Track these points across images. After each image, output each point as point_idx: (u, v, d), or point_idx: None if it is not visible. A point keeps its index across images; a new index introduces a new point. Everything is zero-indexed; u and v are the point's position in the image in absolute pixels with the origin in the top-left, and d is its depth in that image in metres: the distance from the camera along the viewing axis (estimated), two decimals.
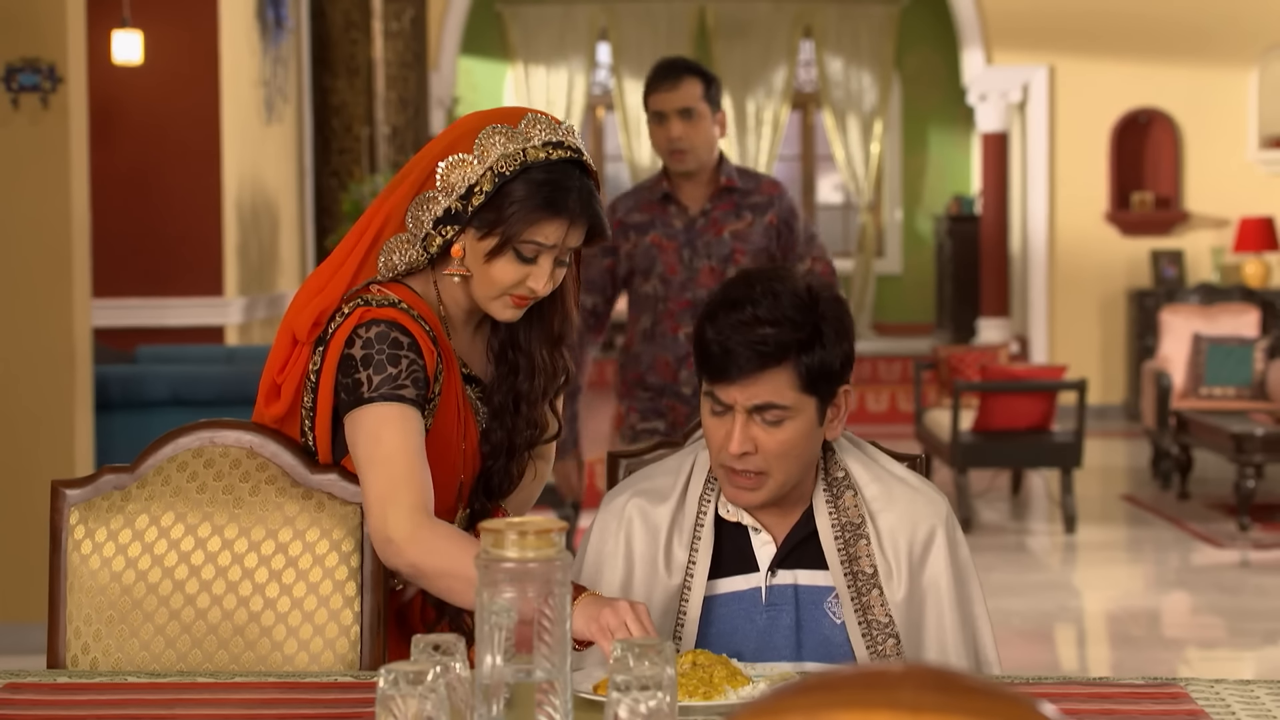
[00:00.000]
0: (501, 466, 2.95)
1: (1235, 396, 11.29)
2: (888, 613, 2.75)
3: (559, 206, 2.76)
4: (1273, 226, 14.10)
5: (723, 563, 2.82)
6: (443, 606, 2.97)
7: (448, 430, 2.84)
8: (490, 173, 2.76)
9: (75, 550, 2.86)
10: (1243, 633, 7.42)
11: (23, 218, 6.65)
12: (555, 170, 2.78)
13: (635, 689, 1.98)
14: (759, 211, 5.17)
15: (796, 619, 2.78)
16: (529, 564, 2.05)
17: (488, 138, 2.78)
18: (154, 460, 2.90)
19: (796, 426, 2.72)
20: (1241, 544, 9.07)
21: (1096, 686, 2.52)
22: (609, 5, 16.51)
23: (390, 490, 2.70)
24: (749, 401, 2.71)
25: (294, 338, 2.84)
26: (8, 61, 6.63)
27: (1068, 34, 14.51)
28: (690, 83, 5.09)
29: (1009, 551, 9.07)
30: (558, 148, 2.80)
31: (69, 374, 6.71)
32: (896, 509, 2.81)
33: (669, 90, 5.09)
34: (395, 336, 2.75)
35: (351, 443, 2.78)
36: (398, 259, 2.83)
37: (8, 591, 6.73)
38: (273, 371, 2.87)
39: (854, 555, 2.78)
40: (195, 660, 2.81)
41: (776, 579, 2.80)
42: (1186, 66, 14.43)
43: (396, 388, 2.73)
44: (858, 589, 2.76)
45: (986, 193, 15.29)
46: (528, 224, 2.76)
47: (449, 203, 2.78)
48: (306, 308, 2.83)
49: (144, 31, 9.11)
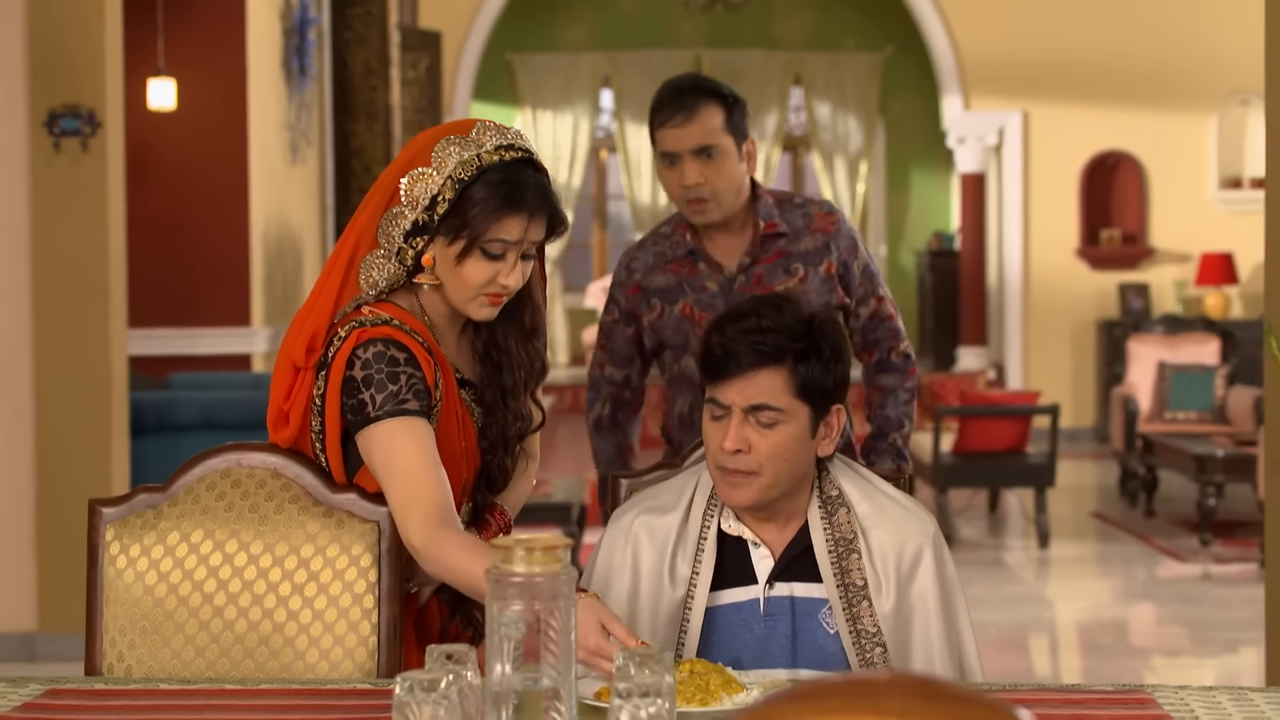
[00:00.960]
0: (499, 461, 2.95)
1: (1198, 420, 11.29)
2: (876, 623, 2.75)
3: (518, 202, 2.77)
4: (1232, 261, 14.11)
5: (724, 576, 2.83)
6: (455, 605, 2.98)
7: (450, 433, 2.84)
8: (450, 181, 2.77)
9: (111, 565, 2.85)
10: (1205, 642, 7.41)
11: (64, 253, 6.66)
12: (510, 170, 2.78)
13: (636, 695, 1.97)
14: (813, 261, 3.90)
15: (793, 629, 2.79)
16: (536, 578, 2.05)
17: (443, 149, 2.79)
18: (185, 480, 2.89)
19: (789, 431, 2.74)
20: (1204, 558, 9.06)
21: (1069, 693, 2.51)
22: (611, 54, 16.53)
23: (406, 502, 2.71)
24: (745, 401, 2.73)
25: (294, 365, 2.84)
26: (50, 107, 6.64)
27: (1041, 82, 14.54)
28: (708, 111, 3.79)
29: (986, 566, 9.05)
30: (509, 149, 2.81)
31: (105, 399, 6.71)
32: (887, 526, 2.81)
33: (681, 125, 3.79)
34: (391, 354, 2.75)
35: (367, 460, 2.78)
36: (377, 275, 2.82)
37: (49, 603, 6.71)
38: (278, 400, 2.87)
39: (846, 569, 2.78)
40: (223, 668, 2.80)
41: (774, 591, 2.80)
42: (1151, 112, 14.45)
43: (400, 403, 2.73)
44: (849, 600, 2.76)
45: (965, 229, 15.30)
46: (491, 222, 2.76)
47: (415, 215, 2.78)
48: (299, 335, 2.82)
49: (177, 79, 9.12)
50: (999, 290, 15.06)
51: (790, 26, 16.69)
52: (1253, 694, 2.48)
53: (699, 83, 3.86)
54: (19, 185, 6.66)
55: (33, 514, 6.71)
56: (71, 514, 6.46)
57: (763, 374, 2.73)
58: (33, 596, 6.73)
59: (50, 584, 6.70)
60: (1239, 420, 11.02)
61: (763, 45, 16.58)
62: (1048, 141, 14.61)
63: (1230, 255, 14.12)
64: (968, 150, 15.03)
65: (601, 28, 16.62)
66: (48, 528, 6.69)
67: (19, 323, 6.68)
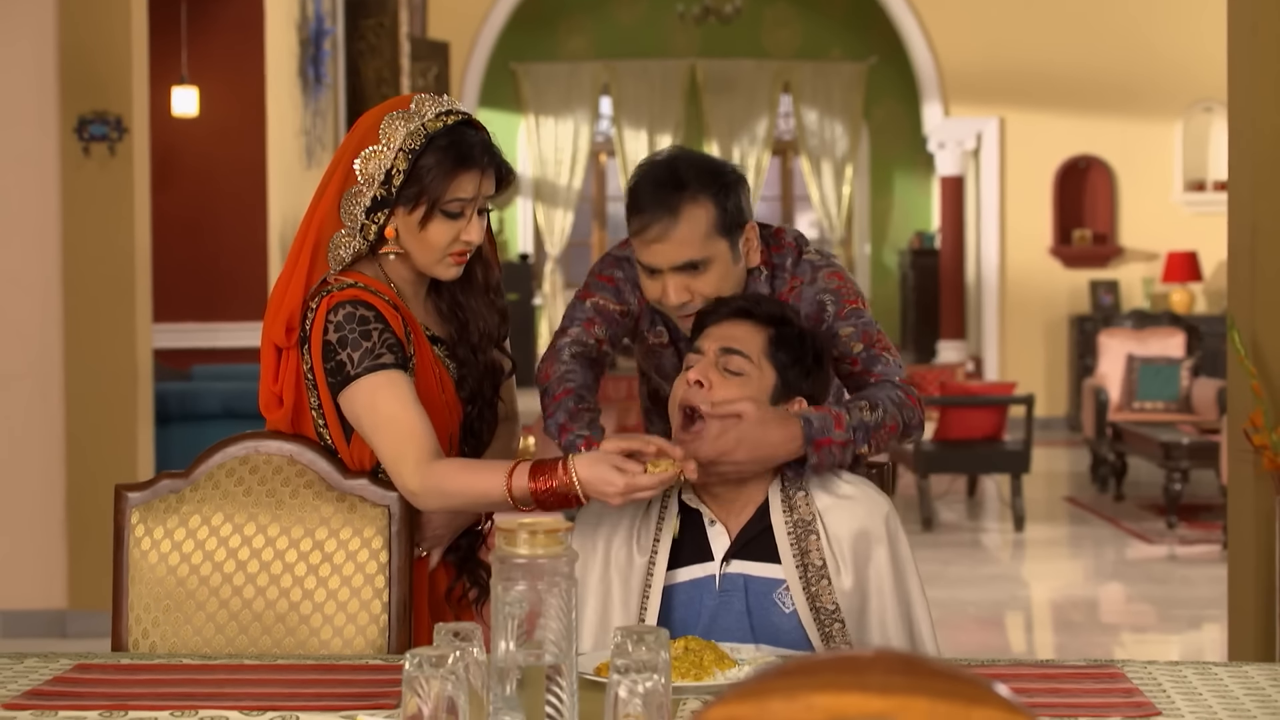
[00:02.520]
0: (479, 411, 2.94)
1: (1164, 410, 11.29)
2: (835, 601, 2.71)
3: (469, 160, 2.78)
4: (1196, 260, 14.11)
5: (683, 552, 2.79)
6: (461, 567, 2.97)
7: (429, 386, 2.83)
8: (402, 153, 2.77)
9: (136, 547, 2.85)
10: (1171, 619, 7.40)
11: (92, 252, 6.65)
12: (455, 133, 2.79)
13: (633, 671, 1.97)
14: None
15: (747, 606, 2.75)
16: (539, 560, 2.04)
17: (389, 125, 2.79)
18: (206, 467, 2.89)
19: (750, 387, 2.75)
20: (1170, 540, 9.05)
21: (1043, 668, 2.51)
22: (610, 63, 16.52)
23: (397, 451, 2.70)
24: (720, 342, 2.77)
25: (276, 347, 2.83)
26: (80, 114, 6.63)
27: (1016, 90, 14.54)
28: (693, 215, 2.85)
29: (965, 547, 9.05)
30: (450, 114, 2.81)
31: (132, 390, 6.70)
32: (843, 509, 2.77)
33: (659, 239, 2.85)
34: (361, 314, 2.75)
35: (353, 419, 2.77)
36: (344, 253, 2.82)
37: (78, 583, 6.71)
38: (268, 383, 2.86)
39: (805, 549, 2.74)
40: (242, 644, 2.80)
41: (730, 568, 2.77)
42: (1120, 119, 14.45)
43: (376, 358, 2.73)
44: (807, 580, 2.72)
45: (945, 229, 15.30)
46: (447, 183, 2.77)
47: (373, 191, 2.78)
48: (277, 317, 2.81)
49: (200, 88, 9.11)
50: (977, 287, 15.06)
51: (779, 37, 16.67)
52: (1216, 668, 2.47)
53: (685, 175, 2.87)
54: (50, 187, 6.65)
55: (63, 498, 6.71)
56: (99, 498, 6.45)
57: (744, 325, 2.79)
58: (63, 576, 6.73)
59: (79, 564, 6.70)
60: (1203, 410, 11.02)
61: (753, 55, 16.57)
62: (1023, 146, 14.60)
63: (1195, 254, 14.12)
64: (947, 154, 15.02)
65: (601, 38, 16.61)
66: (77, 511, 6.69)
67: (50, 318, 6.67)
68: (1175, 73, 14.27)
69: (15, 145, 6.67)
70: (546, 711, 2.05)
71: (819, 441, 2.72)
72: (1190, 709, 2.26)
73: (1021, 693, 2.34)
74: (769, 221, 3.04)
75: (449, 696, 1.97)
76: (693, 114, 16.63)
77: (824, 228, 16.80)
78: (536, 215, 16.72)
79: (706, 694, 2.37)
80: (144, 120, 6.81)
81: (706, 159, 2.95)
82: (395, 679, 2.41)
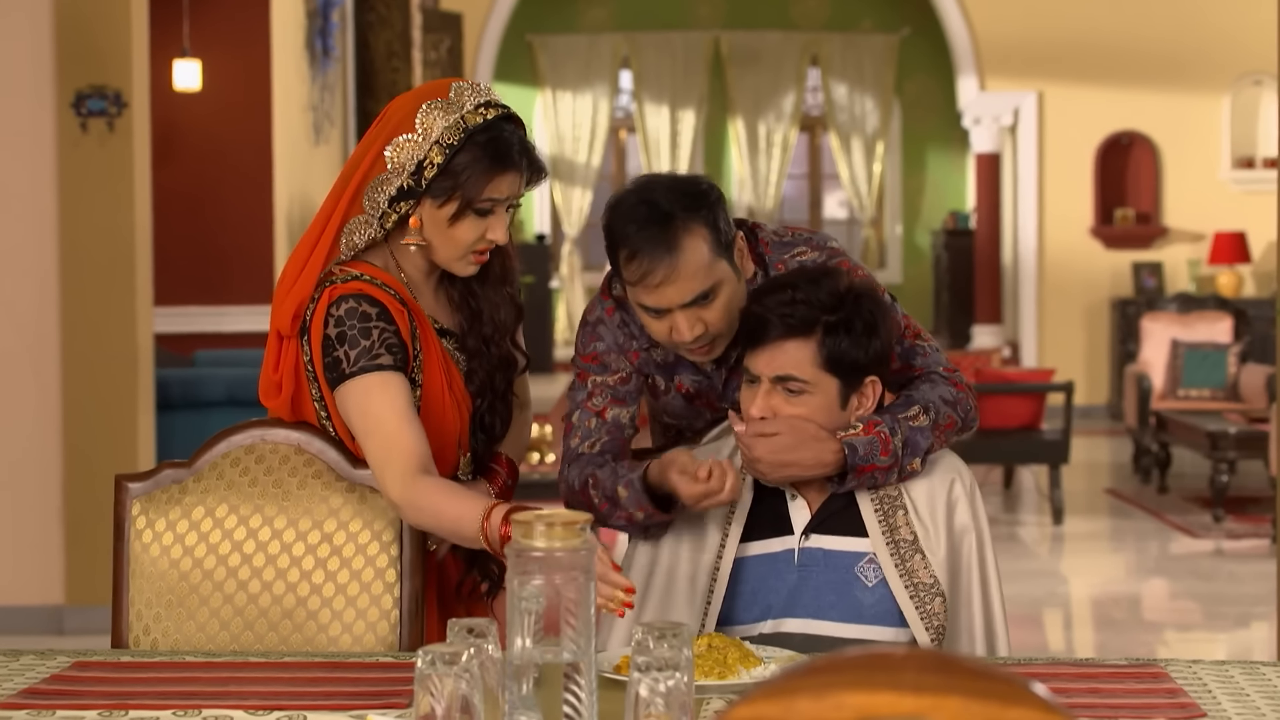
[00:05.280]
0: (490, 405, 2.95)
1: (1210, 398, 11.26)
2: (932, 574, 2.78)
3: (509, 161, 2.79)
4: (1244, 240, 14.06)
5: (760, 525, 2.85)
6: (471, 559, 2.98)
7: (436, 380, 2.85)
8: (438, 146, 2.77)
9: (137, 539, 2.86)
10: (1217, 616, 7.40)
11: (90, 233, 6.66)
12: (494, 129, 2.79)
13: (655, 669, 1.97)
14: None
15: (827, 581, 2.80)
16: (556, 553, 2.05)
17: (427, 114, 2.79)
18: (210, 456, 2.89)
19: (815, 402, 2.76)
20: (1216, 534, 9.04)
21: (1083, 667, 2.51)
22: (630, 35, 16.50)
23: (383, 458, 2.72)
24: (773, 371, 2.75)
25: (279, 333, 2.84)
26: (77, 88, 6.64)
27: (1055, 62, 14.49)
28: (693, 244, 2.77)
29: (1001, 541, 9.04)
30: (490, 107, 2.81)
31: (132, 376, 6.72)
32: (929, 482, 2.84)
33: (666, 282, 2.77)
34: (364, 309, 2.76)
35: (345, 417, 2.79)
36: (358, 238, 2.83)
37: (76, 577, 6.73)
38: (269, 369, 2.87)
39: (894, 525, 2.80)
40: (247, 641, 2.81)
41: (809, 542, 2.82)
42: (1165, 93, 14.40)
43: (373, 358, 2.74)
44: (900, 556, 2.79)
45: (980, 209, 15.27)
46: (484, 184, 2.78)
47: (401, 181, 2.78)
48: (285, 302, 2.82)
49: (202, 61, 9.12)
50: (1014, 269, 15.03)
51: (807, 7, 16.64)
52: (1264, 668, 2.47)
53: (668, 205, 2.77)
54: (47, 165, 6.67)
55: (60, 489, 6.73)
56: (98, 489, 6.47)
57: (790, 345, 2.75)
58: (60, 570, 6.75)
59: (77, 558, 6.72)
60: (1251, 398, 10.99)
61: (780, 26, 16.54)
62: (1062, 122, 14.56)
63: (1243, 234, 14.07)
64: (983, 130, 14.98)
65: (621, 9, 16.59)
66: (75, 503, 6.71)
67: (47, 301, 6.69)
68: (1223, 43, 14.21)
69: (10, 121, 6.68)
70: (564, 711, 2.05)
71: (861, 469, 2.78)
72: (1237, 711, 2.25)
73: (1060, 693, 2.34)
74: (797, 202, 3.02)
75: (463, 695, 1.98)
76: (716, 88, 16.61)
77: (854, 207, 16.78)
78: (554, 194, 16.72)
79: (731, 693, 2.38)
80: (144, 95, 6.82)
81: (678, 181, 2.85)
82: (407, 677, 2.41)
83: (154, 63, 7.44)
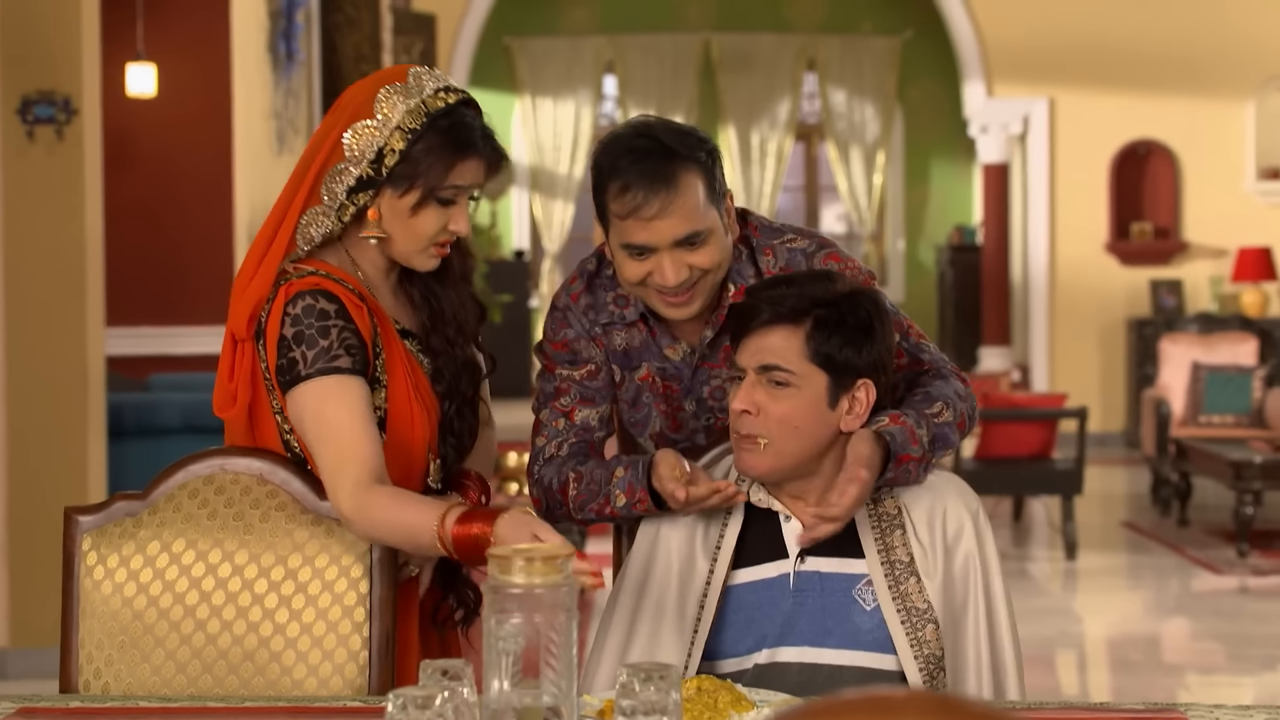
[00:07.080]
0: (458, 409, 2.97)
1: (1234, 424, 11.29)
2: (926, 599, 2.78)
3: (472, 146, 2.83)
4: (1270, 256, 14.10)
5: (753, 550, 2.86)
6: (447, 587, 3.00)
7: (401, 382, 2.86)
8: (399, 131, 2.80)
9: (88, 576, 2.86)
10: (1242, 658, 7.40)
11: (38, 247, 6.66)
12: (455, 114, 2.83)
13: (640, 714, 1.97)
14: None
15: (824, 605, 2.80)
16: (536, 590, 2.05)
17: (386, 99, 2.82)
18: (166, 487, 2.89)
19: (801, 398, 2.76)
20: (1240, 570, 9.05)
21: (1098, 712, 2.51)
22: (615, 38, 16.54)
23: (336, 467, 2.73)
24: (757, 361, 2.76)
25: (234, 337, 2.85)
26: (24, 94, 6.64)
27: (1068, 67, 14.54)
28: (689, 184, 2.85)
29: (1010, 577, 9.00)
30: (450, 92, 2.86)
31: (82, 401, 6.71)
32: (930, 502, 2.84)
33: (659, 215, 2.84)
34: (321, 307, 2.77)
35: (297, 423, 2.79)
36: (314, 231, 2.85)
37: (21, 617, 6.72)
38: (223, 377, 2.87)
39: (890, 545, 2.81)
40: (205, 685, 2.81)
41: (805, 565, 2.82)
42: (1185, 99, 14.45)
43: (331, 359, 2.75)
44: (895, 577, 2.79)
45: (988, 223, 15.30)
46: (446, 171, 2.81)
47: (360, 170, 2.81)
48: (241, 300, 2.83)
49: (157, 64, 9.13)
50: (1024, 287, 15.06)
51: (803, 8, 16.69)
52: None
53: (669, 141, 2.88)
54: None
55: (4, 523, 6.72)
56: (46, 522, 6.46)
57: (777, 332, 2.76)
58: (4, 609, 6.74)
59: (23, 596, 6.70)
60: (1278, 424, 11.01)
61: (774, 29, 16.59)
62: (1075, 130, 14.60)
63: (1269, 250, 14.11)
64: (991, 139, 15.03)
65: (605, 10, 16.63)
66: (20, 537, 6.70)
67: None
68: (1247, 45, 14.27)
69: None
70: None
71: (901, 457, 2.80)
72: None
73: None
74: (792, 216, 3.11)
75: None
76: (707, 94, 16.65)
77: (853, 221, 16.81)
78: (533, 207, 16.75)
79: None
80: (95, 101, 6.82)
81: (679, 126, 2.96)
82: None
83: (106, 67, 7.45)
